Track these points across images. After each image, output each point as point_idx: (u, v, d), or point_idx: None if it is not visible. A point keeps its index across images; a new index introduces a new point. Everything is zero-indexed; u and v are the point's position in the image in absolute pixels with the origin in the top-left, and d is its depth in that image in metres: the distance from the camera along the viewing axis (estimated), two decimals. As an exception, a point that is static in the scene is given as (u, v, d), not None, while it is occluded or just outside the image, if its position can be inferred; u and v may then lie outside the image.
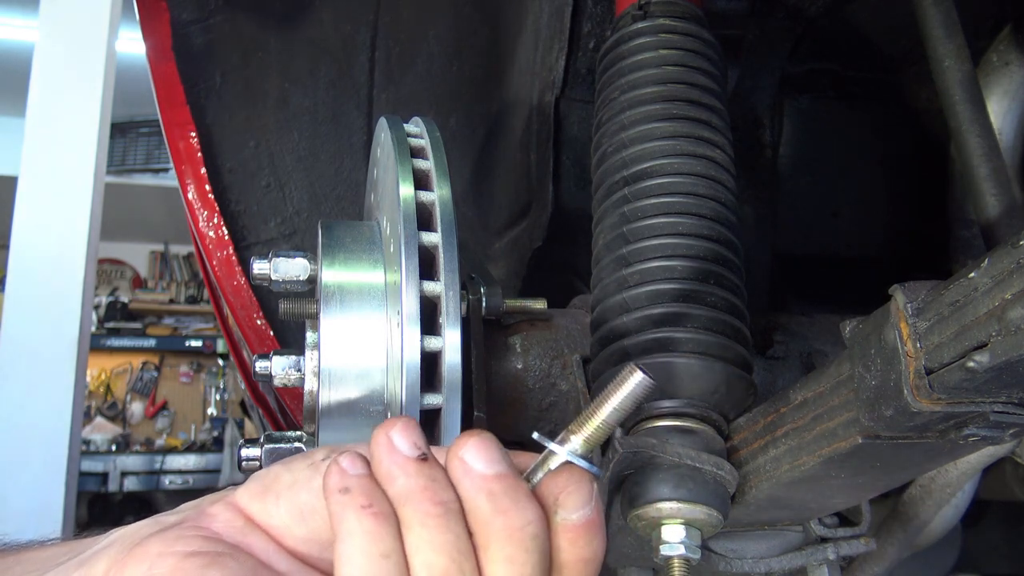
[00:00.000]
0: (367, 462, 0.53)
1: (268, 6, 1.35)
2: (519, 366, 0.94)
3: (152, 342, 8.08)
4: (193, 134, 1.35)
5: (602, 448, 0.88)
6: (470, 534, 0.51)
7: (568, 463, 0.53)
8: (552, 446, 0.54)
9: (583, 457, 0.53)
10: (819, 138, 1.33)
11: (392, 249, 0.82)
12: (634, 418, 0.81)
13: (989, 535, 1.61)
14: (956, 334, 0.52)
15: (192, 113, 1.34)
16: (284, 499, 0.55)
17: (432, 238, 0.79)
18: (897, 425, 0.59)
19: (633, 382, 0.52)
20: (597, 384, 0.86)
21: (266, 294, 1.37)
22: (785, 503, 0.81)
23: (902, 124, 1.33)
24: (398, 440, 0.52)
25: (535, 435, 0.55)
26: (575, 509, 0.53)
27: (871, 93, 1.33)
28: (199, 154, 1.35)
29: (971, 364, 0.50)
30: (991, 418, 0.56)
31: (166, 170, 7.11)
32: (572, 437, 0.54)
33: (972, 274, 0.52)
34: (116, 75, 3.60)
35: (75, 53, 3.45)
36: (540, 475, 0.54)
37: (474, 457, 0.52)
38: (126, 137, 7.28)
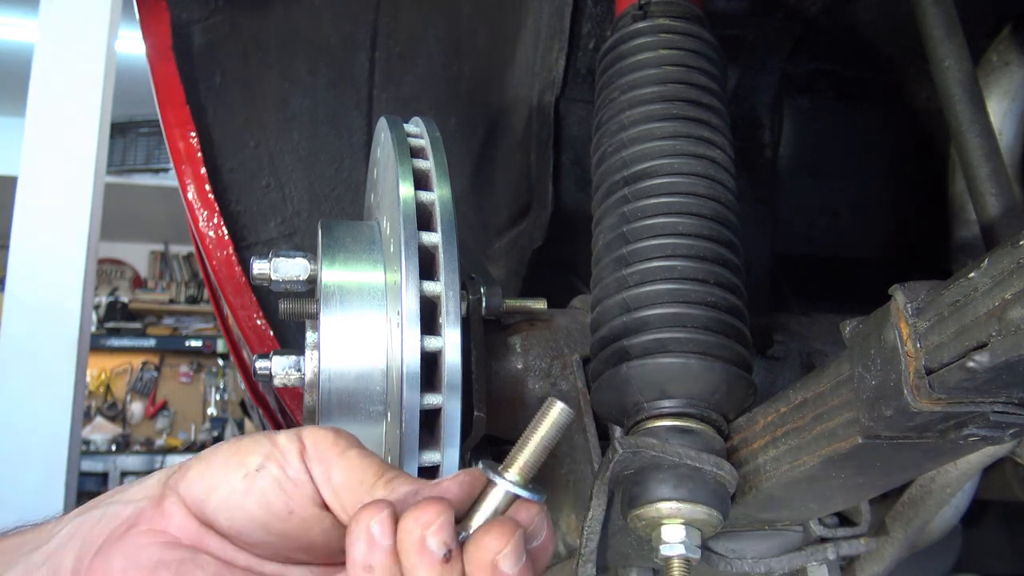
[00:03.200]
0: (394, 528, 0.53)
1: (268, 6, 1.35)
2: (519, 366, 0.94)
3: (152, 342, 8.08)
4: (193, 134, 1.35)
5: (602, 448, 0.89)
6: None
7: (513, 495, 0.56)
8: (495, 478, 0.57)
9: (523, 487, 0.56)
10: (819, 138, 1.33)
11: (392, 249, 0.82)
12: (634, 418, 0.81)
13: (989, 535, 1.61)
14: (956, 334, 0.52)
15: (192, 113, 1.34)
16: (222, 512, 0.56)
17: (432, 238, 0.79)
18: (897, 425, 0.59)
19: (555, 413, 0.57)
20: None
21: (266, 294, 1.37)
22: (785, 503, 0.81)
23: (902, 124, 1.33)
24: (431, 542, 0.52)
25: (479, 465, 0.58)
26: (534, 539, 0.56)
27: (871, 93, 1.33)
28: (199, 154, 1.35)
29: (971, 364, 0.50)
30: (991, 418, 0.56)
31: (166, 170, 7.11)
32: (509, 470, 0.57)
33: (972, 274, 0.52)
34: (116, 75, 3.60)
35: (75, 53, 3.45)
36: (485, 512, 0.56)
37: (509, 563, 0.53)
38: (126, 137, 7.27)
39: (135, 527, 0.56)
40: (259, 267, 0.88)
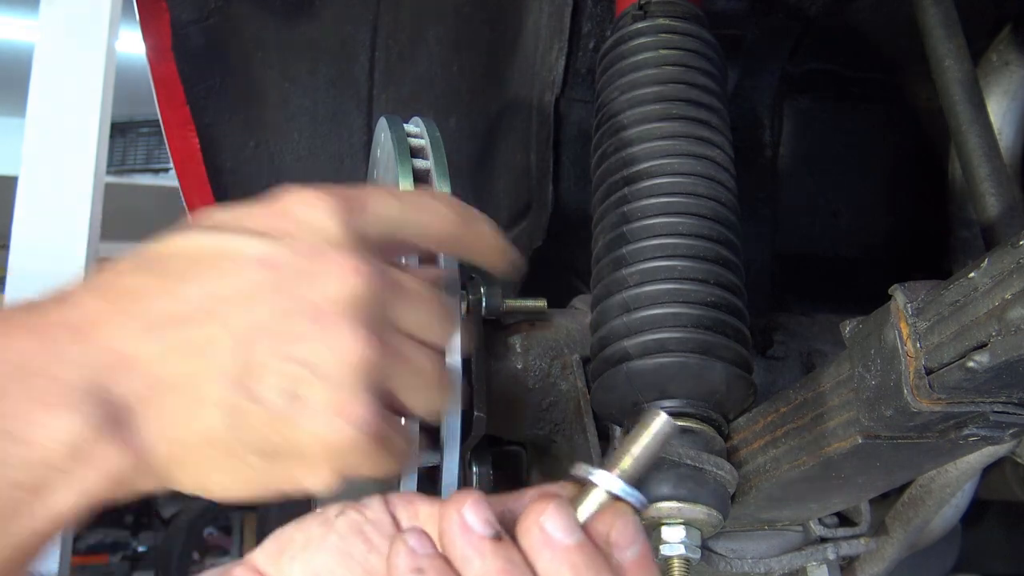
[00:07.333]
0: (432, 540, 0.50)
1: (268, 6, 1.35)
2: (519, 366, 0.94)
3: (152, 342, 8.06)
4: (193, 134, 1.34)
5: (602, 448, 0.88)
6: None
7: (611, 495, 0.53)
8: (595, 477, 0.53)
9: (625, 487, 0.53)
10: (819, 138, 1.33)
11: (392, 249, 0.82)
12: (634, 418, 0.81)
13: (989, 535, 1.61)
14: (956, 334, 0.52)
15: (192, 113, 1.34)
16: (298, 561, 0.55)
17: (432, 238, 0.79)
18: (897, 425, 0.59)
19: (657, 425, 0.53)
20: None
21: (266, 294, 1.37)
22: (785, 503, 0.81)
23: (902, 124, 1.33)
24: (471, 519, 0.49)
25: (576, 468, 0.54)
26: (627, 547, 0.52)
27: (871, 93, 1.33)
28: (199, 154, 1.34)
29: (971, 364, 0.50)
30: (991, 418, 0.56)
31: (166, 170, 7.09)
32: (608, 471, 0.54)
33: (972, 274, 0.52)
34: (116, 75, 3.59)
35: (75, 53, 3.44)
36: (585, 514, 0.53)
37: (555, 527, 0.50)
38: (126, 137, 7.26)
39: None
40: (259, 267, 0.88)
